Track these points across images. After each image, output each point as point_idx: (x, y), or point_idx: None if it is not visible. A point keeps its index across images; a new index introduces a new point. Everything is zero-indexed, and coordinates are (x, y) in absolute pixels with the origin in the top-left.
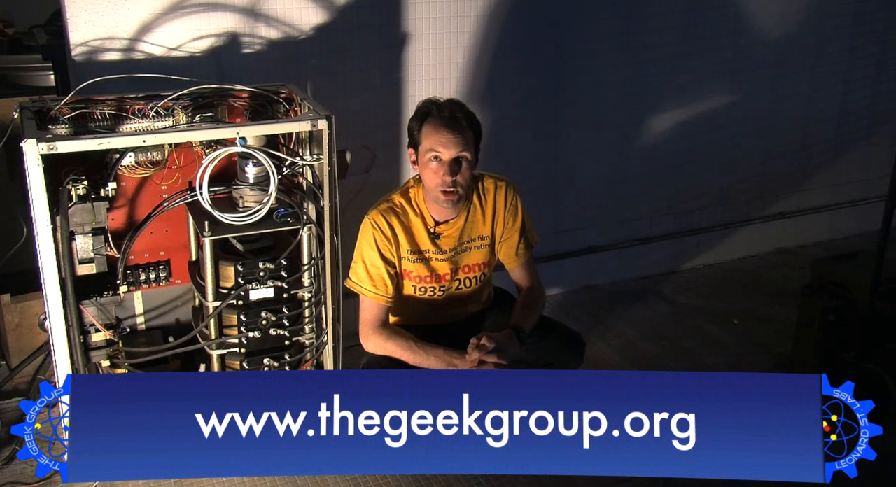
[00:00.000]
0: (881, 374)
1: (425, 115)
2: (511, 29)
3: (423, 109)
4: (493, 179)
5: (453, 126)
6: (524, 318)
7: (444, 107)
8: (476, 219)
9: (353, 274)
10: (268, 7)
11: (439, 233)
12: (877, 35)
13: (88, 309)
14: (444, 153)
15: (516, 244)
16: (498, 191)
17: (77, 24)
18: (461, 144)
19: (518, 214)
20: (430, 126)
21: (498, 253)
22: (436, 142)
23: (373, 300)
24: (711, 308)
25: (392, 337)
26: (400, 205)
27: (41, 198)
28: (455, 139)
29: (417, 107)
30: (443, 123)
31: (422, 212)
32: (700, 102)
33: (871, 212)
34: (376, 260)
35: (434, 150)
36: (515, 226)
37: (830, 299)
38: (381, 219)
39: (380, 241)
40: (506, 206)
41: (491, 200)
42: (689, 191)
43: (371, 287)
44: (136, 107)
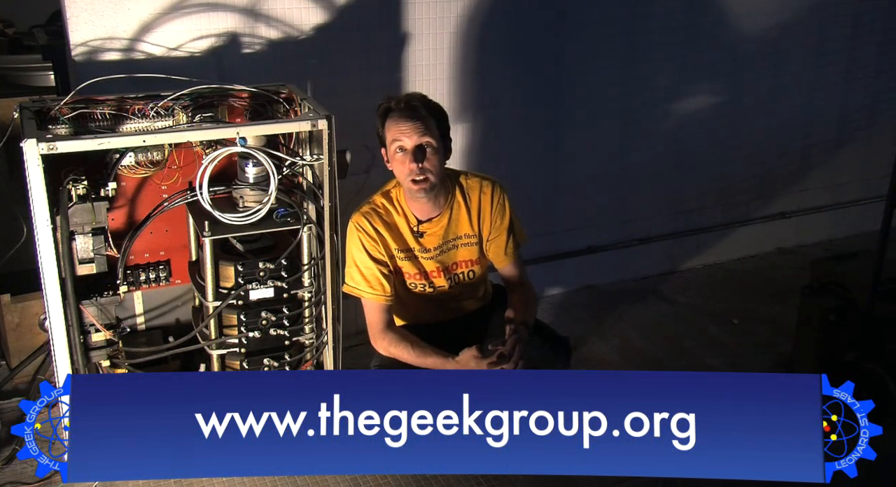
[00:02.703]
0: (881, 374)
1: (385, 112)
2: (511, 29)
3: (382, 107)
4: (478, 179)
5: (411, 115)
6: (528, 316)
7: (400, 100)
8: (460, 217)
9: (348, 278)
10: (268, 7)
11: (423, 231)
12: (877, 35)
13: (88, 309)
14: (407, 142)
15: (504, 243)
16: (484, 190)
17: (77, 24)
18: (421, 130)
19: (506, 214)
20: (390, 120)
21: (486, 252)
22: (397, 133)
23: (373, 301)
24: (711, 308)
25: (396, 341)
26: (382, 206)
27: (41, 198)
28: (414, 126)
29: (377, 108)
30: (400, 115)
31: (404, 212)
32: (700, 102)
33: (871, 212)
34: (367, 262)
35: (397, 141)
36: (503, 226)
37: (830, 299)
38: (364, 221)
39: (366, 243)
40: (492, 206)
41: (476, 199)
42: (689, 190)
43: (368, 288)
44: (136, 107)
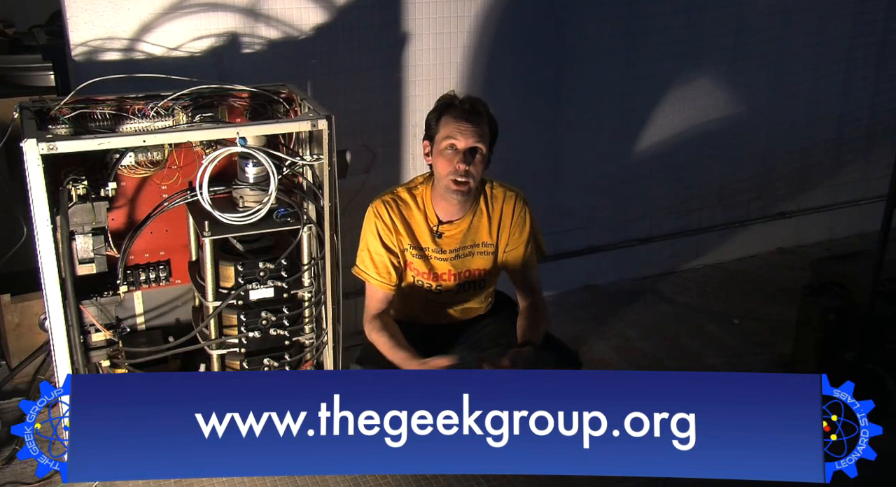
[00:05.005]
0: (881, 374)
1: (446, 106)
2: (511, 29)
3: (443, 100)
4: (503, 189)
5: (473, 117)
6: (536, 335)
7: (465, 100)
8: (481, 224)
9: (359, 261)
10: (268, 7)
11: (442, 232)
12: (877, 35)
13: (88, 309)
14: (461, 141)
15: (521, 257)
16: (507, 201)
17: (77, 24)
18: (478, 135)
19: (525, 227)
20: (449, 115)
21: (503, 264)
22: (454, 130)
23: (377, 287)
24: (711, 308)
25: (378, 328)
26: (403, 200)
27: (41, 198)
28: (473, 129)
29: (438, 100)
30: (462, 114)
31: (426, 210)
32: (700, 102)
33: (871, 212)
34: (379, 249)
35: (451, 138)
36: (522, 239)
37: (830, 299)
38: (383, 209)
39: (382, 230)
40: (513, 218)
41: (498, 209)
42: (689, 191)
43: (376, 274)
44: (136, 107)
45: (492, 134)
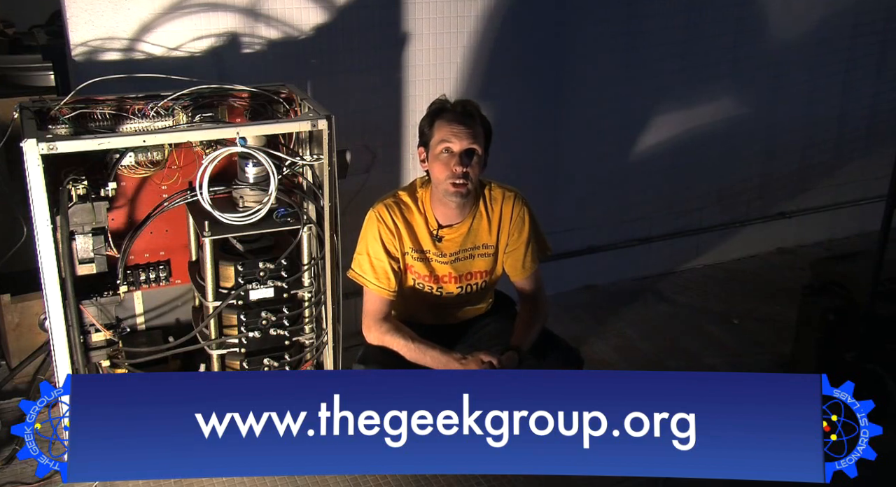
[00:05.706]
0: (881, 374)
1: (438, 111)
2: (511, 29)
3: (435, 105)
4: (502, 189)
5: (466, 120)
6: (525, 339)
7: (457, 104)
8: (481, 226)
9: (356, 265)
10: (268, 7)
11: (442, 236)
12: (877, 35)
13: (88, 309)
14: (456, 144)
15: (522, 257)
16: (506, 201)
17: (77, 24)
18: (472, 137)
19: (525, 227)
20: (442, 120)
21: (503, 264)
22: (448, 133)
23: (376, 292)
24: (711, 308)
25: (392, 331)
26: (405, 203)
27: (41, 198)
28: (467, 131)
29: (429, 106)
30: (455, 117)
31: (426, 213)
32: (700, 102)
33: (871, 212)
34: (381, 254)
35: (446, 141)
36: (521, 239)
37: (830, 299)
38: (386, 213)
39: (384, 235)
40: (512, 218)
41: (497, 210)
42: (689, 191)
43: (374, 279)
44: (136, 107)
45: (486, 135)
